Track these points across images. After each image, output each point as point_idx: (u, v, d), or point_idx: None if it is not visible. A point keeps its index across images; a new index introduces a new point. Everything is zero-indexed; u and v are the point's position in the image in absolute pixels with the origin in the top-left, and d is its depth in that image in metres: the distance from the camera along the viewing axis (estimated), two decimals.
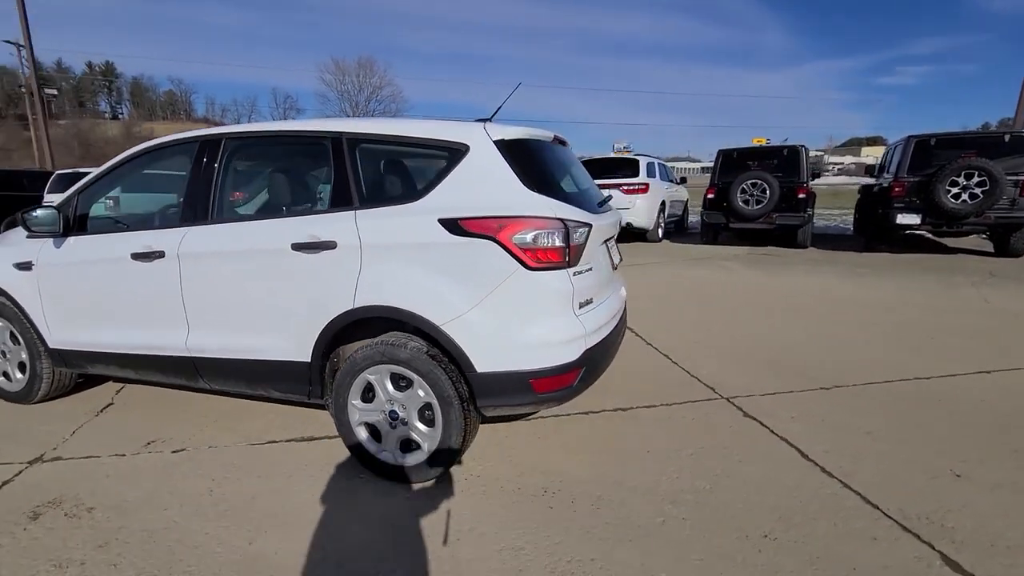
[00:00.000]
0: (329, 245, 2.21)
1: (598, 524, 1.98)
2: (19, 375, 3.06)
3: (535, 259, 2.03)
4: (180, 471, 2.40)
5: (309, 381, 2.35)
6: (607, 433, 2.72)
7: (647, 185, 9.64)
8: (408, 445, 2.25)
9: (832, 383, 3.28)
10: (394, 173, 2.41)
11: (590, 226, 2.21)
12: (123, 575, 1.76)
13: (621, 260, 2.91)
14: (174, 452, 2.58)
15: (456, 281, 2.08)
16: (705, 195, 9.61)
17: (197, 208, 2.50)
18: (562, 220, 2.08)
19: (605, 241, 2.62)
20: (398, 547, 1.88)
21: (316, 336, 2.25)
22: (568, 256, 2.10)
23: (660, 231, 10.43)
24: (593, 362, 2.26)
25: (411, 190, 2.18)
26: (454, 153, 2.16)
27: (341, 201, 2.27)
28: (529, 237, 2.02)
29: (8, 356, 3.09)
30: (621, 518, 2.01)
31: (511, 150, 2.17)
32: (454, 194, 2.12)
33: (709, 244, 9.99)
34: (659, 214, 10.18)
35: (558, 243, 2.06)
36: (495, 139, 2.15)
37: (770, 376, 3.41)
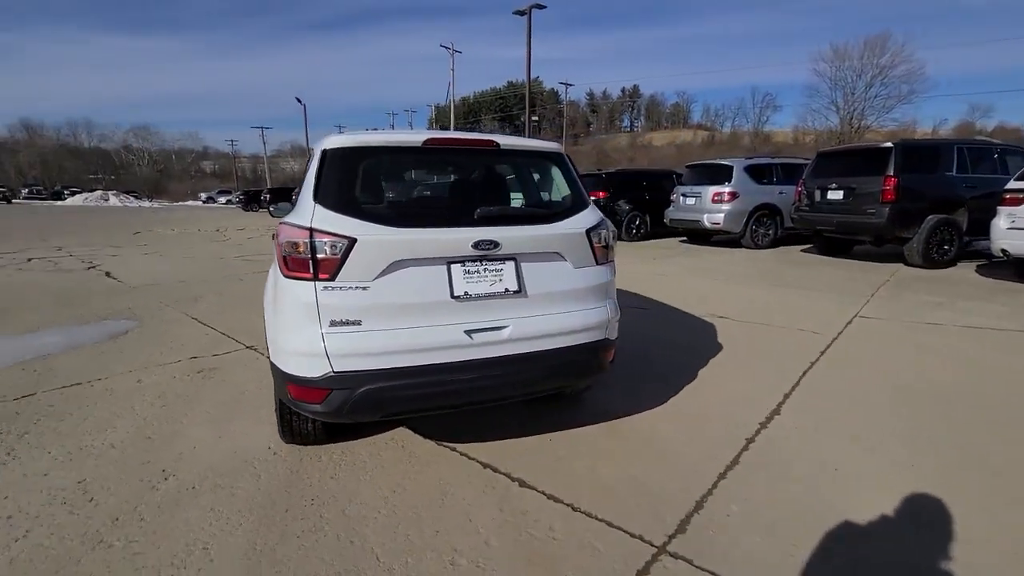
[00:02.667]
0: None
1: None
2: None
3: (287, 267, 2.06)
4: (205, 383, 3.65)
5: None
6: (439, 491, 2.23)
7: None
8: None
9: None
10: None
11: (351, 240, 1.97)
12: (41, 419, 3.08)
13: (509, 289, 2.22)
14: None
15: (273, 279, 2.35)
16: None
17: None
18: (309, 230, 1.99)
19: (457, 262, 2.15)
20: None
21: None
22: (315, 268, 1.99)
23: None
24: (357, 391, 2.03)
25: None
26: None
27: None
28: (284, 244, 2.06)
29: None
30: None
31: (336, 158, 2.18)
32: None
33: None
34: None
35: (303, 254, 2.00)
36: (323, 148, 2.21)
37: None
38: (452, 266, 2.14)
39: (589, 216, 2.44)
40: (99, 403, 3.14)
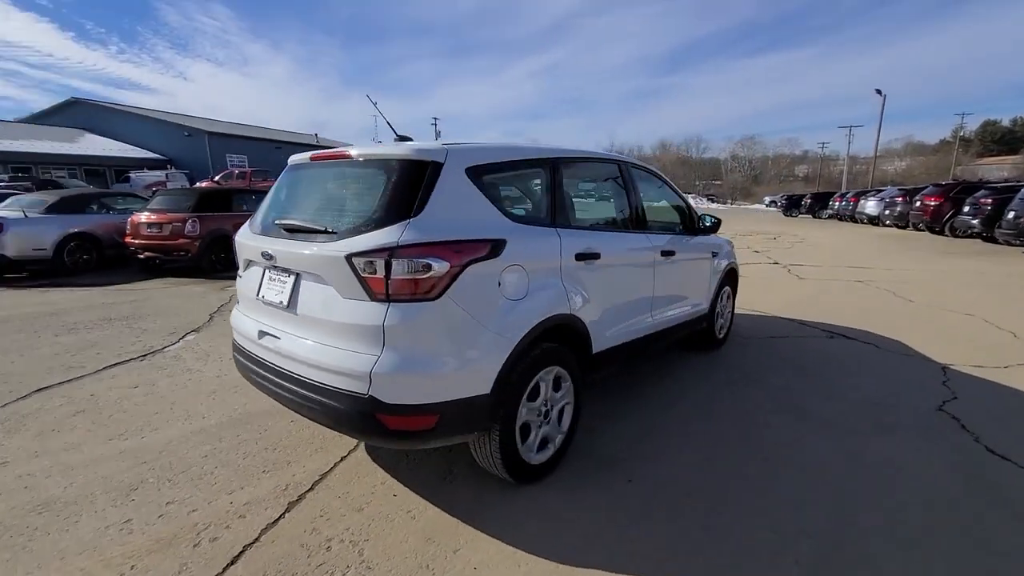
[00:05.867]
0: None
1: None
2: None
3: None
4: None
5: None
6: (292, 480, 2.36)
7: None
8: None
9: None
10: None
11: (234, 240, 2.51)
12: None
13: (282, 302, 2.10)
14: None
15: None
16: None
17: None
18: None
19: (269, 268, 2.26)
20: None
21: None
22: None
23: None
24: (237, 353, 2.54)
25: None
26: None
27: None
28: None
29: None
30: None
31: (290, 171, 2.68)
32: None
33: None
34: None
35: None
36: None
37: None
38: (266, 271, 2.28)
39: (376, 237, 1.82)
40: None
